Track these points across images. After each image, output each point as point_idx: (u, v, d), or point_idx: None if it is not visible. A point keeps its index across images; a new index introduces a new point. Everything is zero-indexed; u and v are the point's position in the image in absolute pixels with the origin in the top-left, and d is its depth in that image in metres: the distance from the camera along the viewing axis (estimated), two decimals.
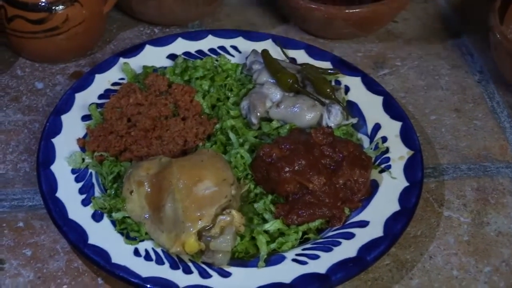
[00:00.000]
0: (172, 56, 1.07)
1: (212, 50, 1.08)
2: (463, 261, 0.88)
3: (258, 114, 0.96)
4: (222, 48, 1.09)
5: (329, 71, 1.04)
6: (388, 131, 0.97)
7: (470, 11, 1.28)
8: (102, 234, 0.83)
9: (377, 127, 0.98)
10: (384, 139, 0.96)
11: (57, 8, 1.02)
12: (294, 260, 0.82)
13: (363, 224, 0.86)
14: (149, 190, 0.84)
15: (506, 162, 1.00)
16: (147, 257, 0.81)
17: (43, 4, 1.02)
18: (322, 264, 0.81)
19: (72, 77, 1.09)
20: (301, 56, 1.08)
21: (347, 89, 1.03)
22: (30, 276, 0.84)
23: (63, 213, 0.84)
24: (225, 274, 0.80)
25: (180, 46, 1.09)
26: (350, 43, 1.19)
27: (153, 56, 1.07)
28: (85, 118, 0.97)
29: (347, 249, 0.82)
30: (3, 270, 0.84)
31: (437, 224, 0.92)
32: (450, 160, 1.01)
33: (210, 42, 1.09)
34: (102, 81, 1.02)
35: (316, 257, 0.82)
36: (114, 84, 1.02)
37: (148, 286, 0.78)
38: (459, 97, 1.11)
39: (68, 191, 0.87)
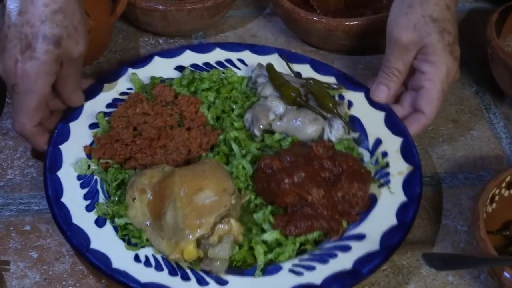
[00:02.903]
0: (179, 68, 1.09)
1: (219, 63, 1.10)
2: None
3: (261, 126, 0.98)
4: (229, 61, 1.10)
5: (333, 85, 1.05)
6: (389, 146, 0.98)
7: (468, 24, 1.29)
8: (104, 240, 0.84)
9: (378, 142, 0.99)
10: (385, 154, 0.97)
11: None
12: (290, 270, 0.83)
13: (360, 237, 0.87)
14: (151, 197, 0.86)
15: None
16: (147, 263, 0.83)
17: None
18: (317, 275, 0.82)
19: None
20: (306, 70, 1.09)
21: (350, 104, 1.04)
22: (36, 277, 0.86)
23: (67, 218, 0.86)
24: (222, 282, 0.81)
25: (188, 58, 1.10)
26: (351, 55, 1.20)
27: (161, 67, 1.08)
28: (92, 126, 0.98)
29: (343, 262, 0.83)
30: (9, 271, 0.85)
31: (434, 231, 0.93)
32: (447, 169, 1.02)
33: (217, 55, 1.11)
34: (110, 91, 1.04)
35: (312, 268, 0.83)
36: (122, 93, 1.04)
37: None
38: (457, 108, 1.12)
39: (73, 197, 0.89)
